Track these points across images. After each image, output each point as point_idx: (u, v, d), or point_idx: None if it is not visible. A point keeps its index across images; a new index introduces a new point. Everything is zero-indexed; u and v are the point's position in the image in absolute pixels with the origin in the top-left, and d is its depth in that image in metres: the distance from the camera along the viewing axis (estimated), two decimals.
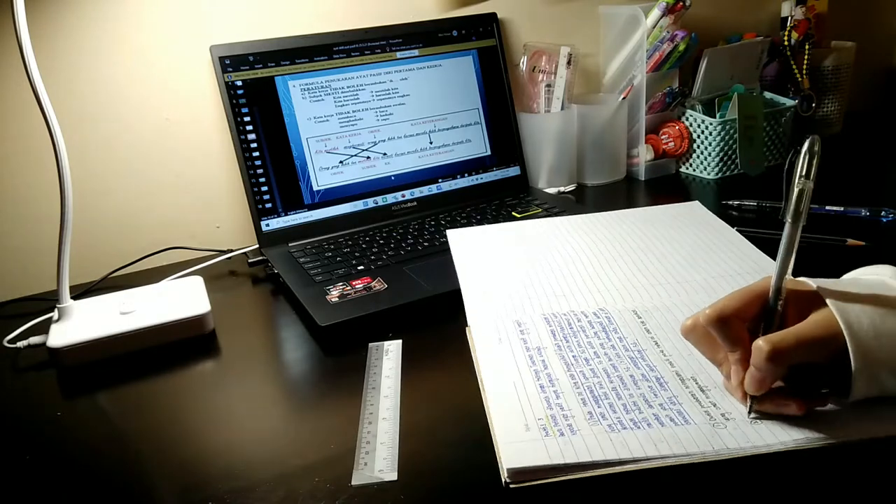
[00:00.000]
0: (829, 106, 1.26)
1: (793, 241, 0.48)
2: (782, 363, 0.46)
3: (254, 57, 0.89)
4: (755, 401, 0.49)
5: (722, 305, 0.49)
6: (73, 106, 0.86)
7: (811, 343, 0.46)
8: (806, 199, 0.46)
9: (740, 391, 0.50)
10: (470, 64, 1.02)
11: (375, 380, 0.60)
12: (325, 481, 0.48)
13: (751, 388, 0.48)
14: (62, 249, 0.69)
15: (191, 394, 0.64)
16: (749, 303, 0.49)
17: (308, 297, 0.74)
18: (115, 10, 0.86)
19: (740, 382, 0.49)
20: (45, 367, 0.69)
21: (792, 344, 0.46)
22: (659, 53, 1.07)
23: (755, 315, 0.50)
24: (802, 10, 1.19)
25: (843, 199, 0.89)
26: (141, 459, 0.54)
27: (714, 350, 0.51)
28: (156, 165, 0.92)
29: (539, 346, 0.59)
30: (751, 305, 0.49)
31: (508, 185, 1.04)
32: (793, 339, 0.46)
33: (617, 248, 0.76)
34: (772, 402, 0.49)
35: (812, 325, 0.47)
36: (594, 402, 0.52)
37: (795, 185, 0.47)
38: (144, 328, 0.69)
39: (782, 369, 0.47)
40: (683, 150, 1.11)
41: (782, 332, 0.47)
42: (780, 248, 0.48)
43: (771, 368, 0.46)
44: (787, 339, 0.46)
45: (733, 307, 0.49)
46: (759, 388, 0.48)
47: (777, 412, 0.49)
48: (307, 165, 0.92)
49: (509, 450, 0.47)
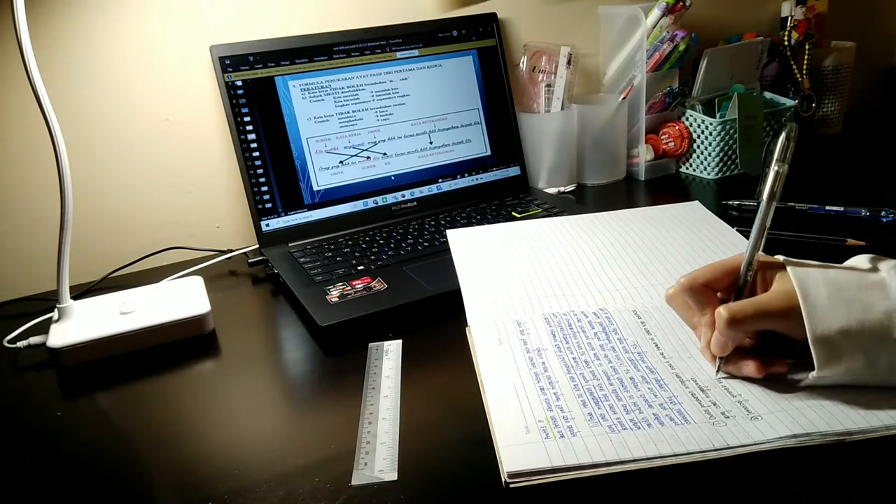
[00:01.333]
0: (829, 106, 1.26)
1: (766, 220, 0.53)
2: (740, 329, 0.51)
3: (254, 57, 0.89)
4: (723, 361, 0.54)
5: (695, 275, 0.55)
6: (73, 106, 0.86)
7: (768, 312, 0.51)
8: (780, 180, 0.52)
9: (708, 352, 0.55)
10: (470, 64, 1.02)
11: (375, 380, 0.60)
12: (325, 481, 0.48)
13: (715, 349, 0.53)
14: (62, 249, 0.69)
15: (191, 394, 0.64)
16: (722, 274, 0.54)
17: (308, 297, 0.74)
18: (115, 11, 0.86)
19: (707, 344, 0.54)
20: (45, 367, 0.69)
21: (749, 313, 0.51)
22: (659, 53, 1.07)
23: (728, 286, 0.55)
24: (802, 10, 1.19)
25: (843, 199, 0.89)
26: (141, 459, 0.54)
27: (690, 315, 0.56)
28: (156, 165, 0.92)
29: (539, 348, 0.59)
30: (724, 276, 0.54)
31: (508, 185, 1.04)
32: (751, 308, 0.51)
33: (617, 248, 0.76)
34: (735, 364, 0.53)
35: (771, 296, 0.51)
36: (594, 404, 0.52)
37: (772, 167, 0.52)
38: (144, 328, 0.69)
39: (741, 335, 0.52)
40: (683, 150, 1.11)
41: (742, 301, 0.52)
42: (753, 226, 0.54)
43: (730, 333, 0.51)
44: (745, 309, 0.51)
45: (706, 276, 0.54)
46: (721, 350, 0.53)
47: (738, 372, 0.53)
48: (307, 165, 0.92)
49: (509, 453, 0.47)
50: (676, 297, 0.56)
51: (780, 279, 0.52)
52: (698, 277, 0.55)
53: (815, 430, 0.47)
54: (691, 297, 0.55)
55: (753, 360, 0.53)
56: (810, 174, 1.08)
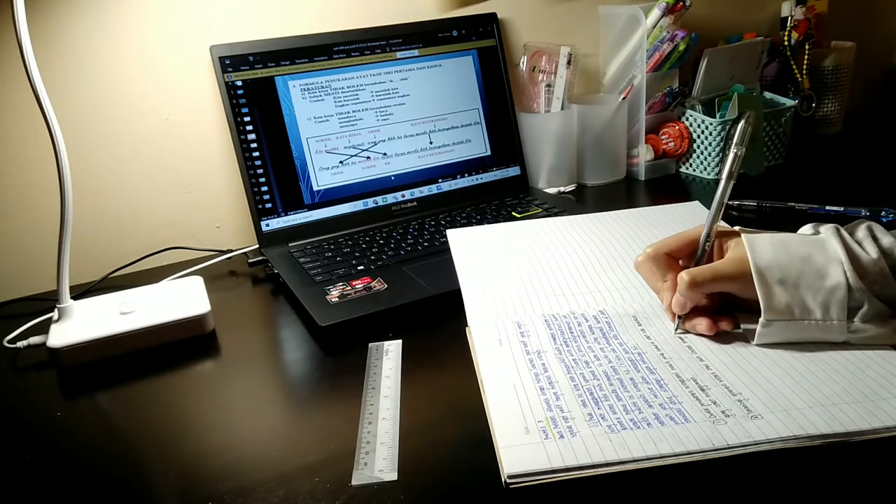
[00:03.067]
0: (829, 106, 1.26)
1: (724, 196, 0.60)
2: (698, 290, 0.58)
3: (254, 57, 0.89)
4: (681, 319, 0.60)
5: (659, 244, 0.61)
6: (73, 106, 0.86)
7: (723, 275, 0.57)
8: (738, 161, 0.59)
9: (670, 312, 0.61)
10: (470, 64, 1.02)
11: (375, 380, 0.60)
12: (325, 481, 0.48)
13: (675, 308, 0.60)
14: (62, 249, 0.69)
15: (191, 394, 0.64)
16: (683, 244, 0.61)
17: (308, 297, 0.74)
18: (115, 11, 0.86)
19: (669, 305, 0.60)
20: (45, 367, 0.69)
21: (707, 276, 0.57)
22: (659, 53, 1.07)
23: (688, 254, 0.61)
24: (802, 10, 1.19)
25: (843, 199, 0.89)
26: (141, 459, 0.54)
27: (654, 280, 0.62)
28: (156, 165, 0.92)
29: (539, 349, 0.59)
30: (685, 246, 0.61)
31: (508, 185, 1.04)
32: (708, 273, 0.58)
33: (617, 248, 0.76)
34: (690, 322, 0.60)
35: (726, 262, 0.58)
36: (594, 404, 0.52)
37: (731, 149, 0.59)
38: (144, 328, 0.69)
39: (699, 296, 0.59)
40: (683, 150, 1.11)
41: (701, 267, 0.58)
42: (713, 201, 0.60)
43: (689, 294, 0.58)
44: (703, 273, 0.58)
45: (668, 246, 0.61)
46: (681, 309, 0.59)
47: (693, 329, 0.60)
48: (307, 165, 0.92)
49: (509, 454, 0.47)
50: (643, 264, 0.62)
51: (735, 247, 0.58)
52: (661, 247, 0.61)
53: (815, 432, 0.47)
54: (655, 265, 0.61)
55: (706, 318, 0.59)
56: (810, 174, 1.08)
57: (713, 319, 0.59)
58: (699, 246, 0.60)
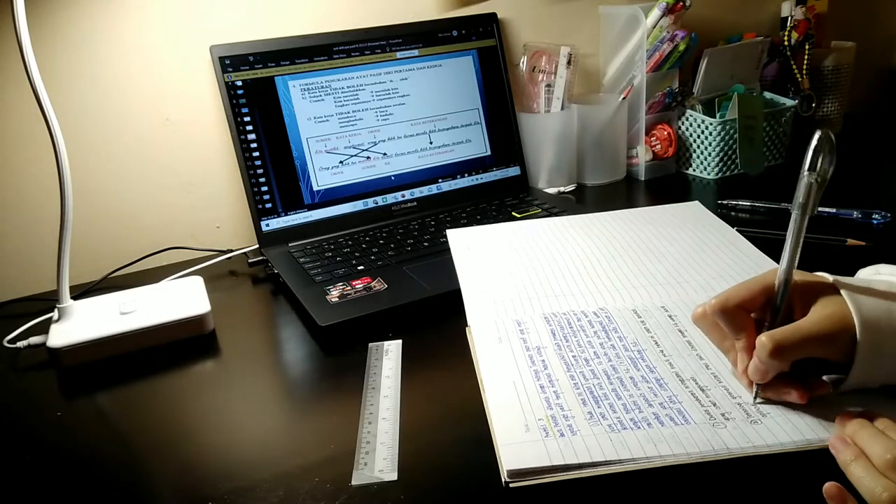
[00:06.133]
0: (829, 106, 1.26)
1: (800, 235, 0.49)
2: (784, 359, 0.47)
3: (254, 57, 0.89)
4: (760, 387, 0.50)
5: (727, 296, 0.50)
6: (73, 106, 0.86)
7: (815, 339, 0.47)
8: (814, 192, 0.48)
9: (746, 378, 0.51)
10: (470, 64, 1.02)
11: (375, 380, 0.60)
12: (325, 481, 0.48)
13: (754, 377, 0.50)
14: (62, 249, 0.69)
15: (191, 394, 0.64)
16: (755, 293, 0.50)
17: (308, 297, 0.74)
18: (115, 11, 0.86)
19: (745, 370, 0.51)
20: (45, 367, 0.69)
21: (796, 341, 0.47)
22: (659, 53, 1.07)
23: (761, 305, 0.51)
24: (802, 10, 1.19)
25: (840, 200, 0.88)
26: (141, 459, 0.54)
27: (721, 337, 0.53)
28: (156, 165, 0.92)
29: (539, 346, 0.59)
30: (757, 296, 0.50)
31: (508, 185, 1.04)
32: (797, 337, 0.47)
33: (617, 247, 0.76)
34: (774, 390, 0.50)
35: (817, 321, 0.47)
36: (594, 403, 0.52)
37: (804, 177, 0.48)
38: (144, 328, 0.69)
39: (785, 364, 0.48)
40: (671, 154, 1.10)
41: (786, 329, 0.47)
42: (786, 240, 0.49)
43: (773, 363, 0.47)
44: (790, 337, 0.47)
45: (738, 297, 0.50)
46: (762, 378, 0.49)
47: (778, 398, 0.50)
48: (307, 165, 0.92)
49: (509, 451, 0.47)
50: (706, 318, 0.52)
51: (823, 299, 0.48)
52: (731, 298, 0.50)
53: (815, 437, 0.47)
54: (724, 320, 0.51)
55: (795, 386, 0.49)
56: None
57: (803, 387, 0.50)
58: (776, 296, 0.50)
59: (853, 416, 0.46)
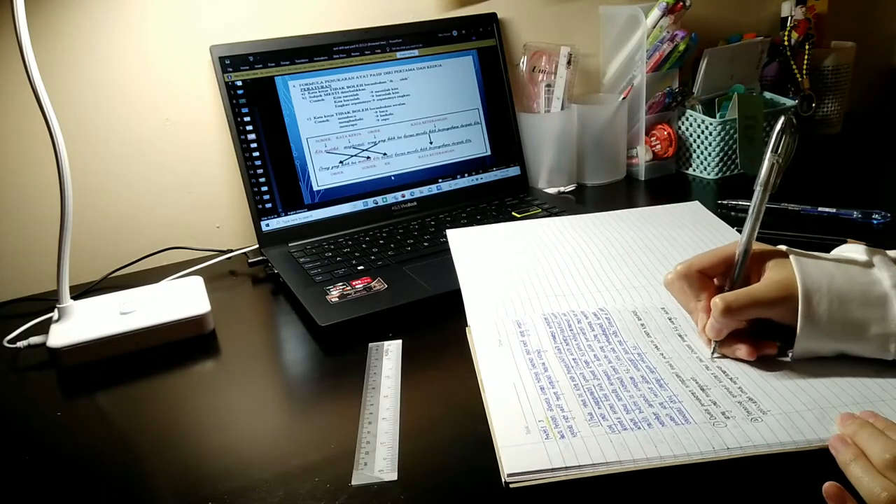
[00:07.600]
0: (829, 106, 1.26)
1: (760, 210, 0.55)
2: (734, 317, 0.53)
3: (254, 57, 0.89)
4: (717, 344, 0.56)
5: (690, 262, 0.57)
6: (73, 106, 0.86)
7: (762, 302, 0.53)
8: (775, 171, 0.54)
9: (704, 335, 0.57)
10: (470, 64, 1.02)
11: (375, 380, 0.60)
12: (325, 481, 0.48)
13: (710, 334, 0.55)
14: (62, 249, 0.69)
15: (191, 394, 0.64)
16: (716, 261, 0.57)
17: (308, 297, 0.74)
18: (115, 11, 0.86)
19: (703, 328, 0.56)
20: (45, 367, 0.69)
21: (743, 302, 0.53)
22: (659, 53, 1.07)
23: (722, 272, 0.57)
24: (802, 10, 1.19)
25: (840, 200, 0.88)
26: (141, 459, 0.54)
27: (687, 300, 0.58)
28: (156, 165, 0.92)
29: (539, 349, 0.59)
30: (717, 263, 0.57)
31: (508, 185, 1.04)
32: (745, 298, 0.53)
33: (617, 248, 0.76)
34: (728, 347, 0.56)
35: (766, 285, 0.53)
36: (594, 404, 0.52)
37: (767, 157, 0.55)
38: (144, 328, 0.69)
39: (735, 322, 0.54)
40: (671, 154, 1.10)
41: (738, 292, 0.53)
42: (748, 215, 0.55)
43: (724, 321, 0.53)
44: (739, 299, 0.53)
45: (701, 263, 0.57)
46: (717, 335, 0.55)
47: (731, 354, 0.56)
48: (307, 165, 0.92)
49: (510, 453, 0.47)
50: (674, 282, 0.58)
51: (775, 267, 0.54)
52: (694, 264, 0.57)
53: (815, 436, 0.47)
54: (687, 284, 0.57)
55: (745, 343, 0.55)
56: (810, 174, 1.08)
57: (754, 345, 0.55)
58: (735, 264, 0.56)
59: (853, 416, 0.47)
